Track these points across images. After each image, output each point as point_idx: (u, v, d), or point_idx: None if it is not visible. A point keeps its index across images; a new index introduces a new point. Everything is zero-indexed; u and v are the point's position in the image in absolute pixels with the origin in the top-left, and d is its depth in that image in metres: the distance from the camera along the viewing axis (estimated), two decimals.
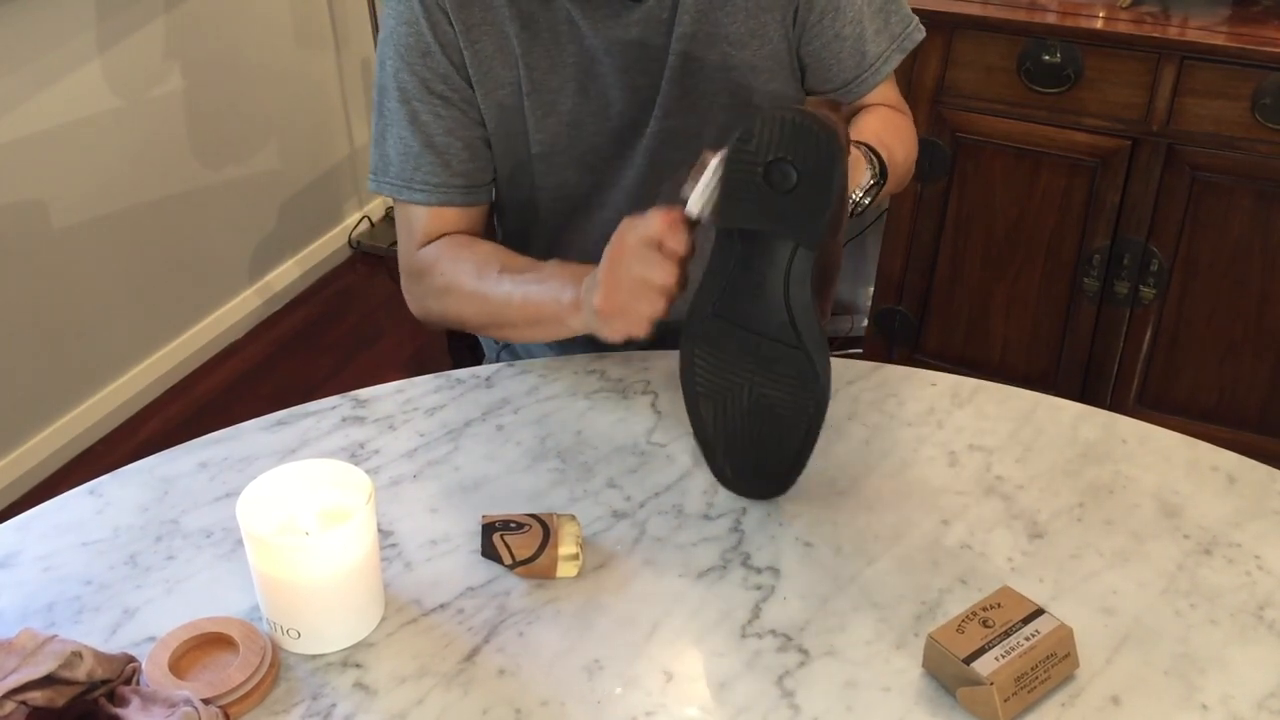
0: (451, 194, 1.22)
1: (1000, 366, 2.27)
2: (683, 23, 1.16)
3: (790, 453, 0.99)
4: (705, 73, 1.19)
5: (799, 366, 0.95)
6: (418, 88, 1.18)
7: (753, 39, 1.18)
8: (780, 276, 0.95)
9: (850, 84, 1.25)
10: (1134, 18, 1.96)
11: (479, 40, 1.17)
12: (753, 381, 0.97)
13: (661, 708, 0.84)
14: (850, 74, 1.24)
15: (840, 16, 1.20)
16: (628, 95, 1.20)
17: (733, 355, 0.97)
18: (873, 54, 1.24)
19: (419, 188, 1.21)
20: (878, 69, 1.25)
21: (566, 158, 1.23)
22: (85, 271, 2.39)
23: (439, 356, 2.71)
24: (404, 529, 1.00)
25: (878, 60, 1.25)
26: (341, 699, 0.85)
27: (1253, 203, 1.96)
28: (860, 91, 1.26)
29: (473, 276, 1.18)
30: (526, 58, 1.17)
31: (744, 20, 1.17)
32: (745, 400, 0.98)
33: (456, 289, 1.19)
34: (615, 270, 1.01)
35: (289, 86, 2.85)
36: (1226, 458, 1.07)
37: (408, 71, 1.18)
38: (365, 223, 3.17)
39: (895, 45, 1.26)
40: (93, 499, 1.03)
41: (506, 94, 1.19)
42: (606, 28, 1.16)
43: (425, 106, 1.19)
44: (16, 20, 2.14)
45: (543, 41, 1.17)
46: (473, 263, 1.19)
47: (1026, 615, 0.86)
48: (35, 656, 0.78)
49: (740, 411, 0.98)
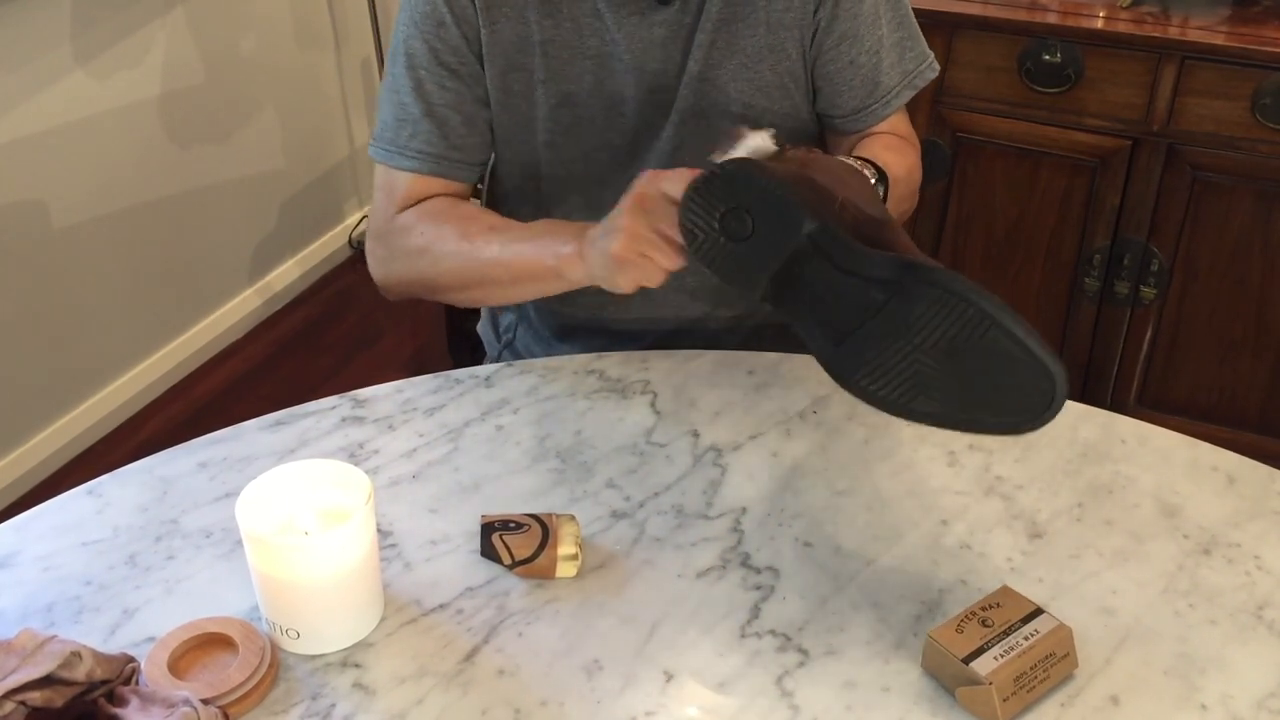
0: (441, 165, 1.21)
1: None
2: (704, 29, 1.16)
3: (1022, 356, 0.84)
4: (721, 83, 1.19)
5: (936, 294, 0.85)
6: (427, 56, 1.18)
7: (770, 54, 1.19)
8: (832, 269, 0.90)
9: (858, 113, 1.25)
10: (1134, 18, 1.96)
11: (498, 21, 1.17)
12: (921, 346, 0.87)
13: (661, 708, 0.84)
14: (859, 103, 1.24)
15: (858, 45, 1.20)
16: (643, 95, 1.20)
17: (885, 352, 0.89)
18: (885, 86, 1.24)
19: (411, 154, 1.20)
20: (888, 101, 1.25)
21: (576, 150, 1.23)
22: (85, 271, 2.39)
23: (439, 356, 2.72)
24: (403, 529, 1.00)
25: (889, 94, 1.24)
26: (341, 699, 0.85)
27: (1253, 203, 1.96)
28: (868, 122, 1.26)
29: (455, 238, 1.17)
30: (545, 45, 1.17)
31: (764, 35, 1.18)
32: (934, 364, 0.87)
33: (434, 250, 1.18)
34: (636, 219, 1.00)
35: (289, 86, 2.85)
36: (1226, 458, 1.07)
37: (419, 39, 1.18)
38: (365, 223, 3.17)
39: (907, 81, 1.25)
40: (92, 499, 1.03)
41: (520, 79, 1.19)
42: (632, 24, 1.16)
43: (431, 76, 1.19)
44: (16, 20, 2.14)
45: (564, 31, 1.17)
46: (456, 224, 1.18)
47: (1026, 615, 0.86)
48: (35, 657, 0.78)
49: (944, 377, 0.87)
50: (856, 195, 0.97)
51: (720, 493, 1.04)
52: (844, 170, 1.03)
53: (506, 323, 1.45)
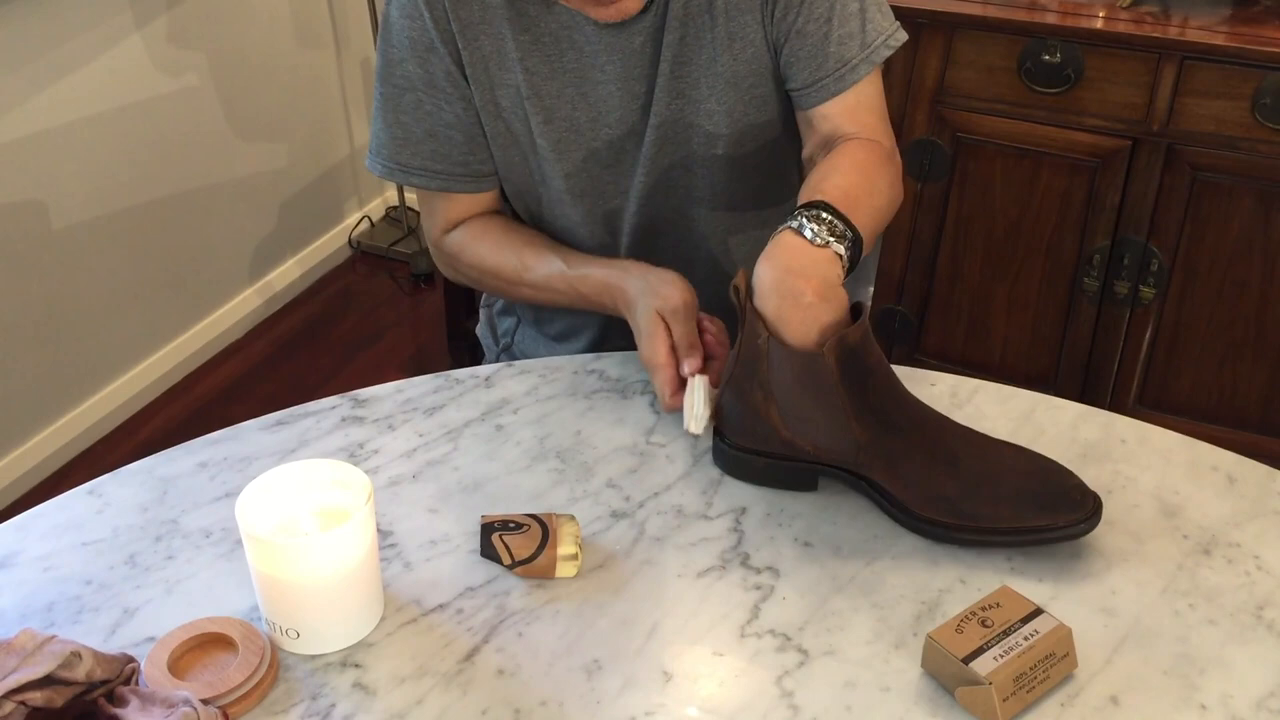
0: (452, 182, 1.25)
1: (1000, 366, 2.27)
2: (671, 29, 1.16)
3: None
4: (692, 79, 1.18)
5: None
6: (425, 78, 1.19)
7: (733, 42, 1.17)
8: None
9: (811, 86, 1.17)
10: (1134, 18, 1.96)
11: (476, 39, 1.17)
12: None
13: (661, 708, 0.84)
14: (809, 76, 1.17)
15: (805, 12, 1.14)
16: (626, 101, 1.20)
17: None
18: (838, 57, 1.15)
19: (418, 172, 1.24)
20: (842, 75, 1.16)
21: (570, 161, 1.23)
22: (85, 271, 2.39)
23: (439, 356, 2.72)
24: (403, 529, 1.00)
25: (843, 66, 1.16)
26: (341, 699, 0.85)
27: (1253, 203, 1.96)
28: (819, 98, 1.17)
29: (507, 279, 1.28)
30: (525, 61, 1.17)
31: (724, 23, 1.16)
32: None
33: (487, 283, 1.31)
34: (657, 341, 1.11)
35: (289, 86, 2.85)
36: (1226, 458, 1.07)
37: (415, 62, 1.19)
38: (365, 223, 3.17)
39: (865, 55, 1.16)
40: (92, 499, 1.03)
41: (506, 94, 1.20)
42: (610, 35, 1.16)
43: (429, 97, 1.20)
44: (16, 20, 2.14)
45: (543, 46, 1.17)
46: (502, 261, 1.27)
47: (1025, 615, 0.86)
48: (34, 657, 0.78)
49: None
50: (820, 417, 0.99)
51: (720, 493, 1.04)
52: (800, 390, 0.98)
53: (505, 326, 1.46)
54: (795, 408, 0.98)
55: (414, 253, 3.03)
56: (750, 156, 1.25)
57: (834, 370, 0.94)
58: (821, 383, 0.95)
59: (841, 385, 0.95)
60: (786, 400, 0.98)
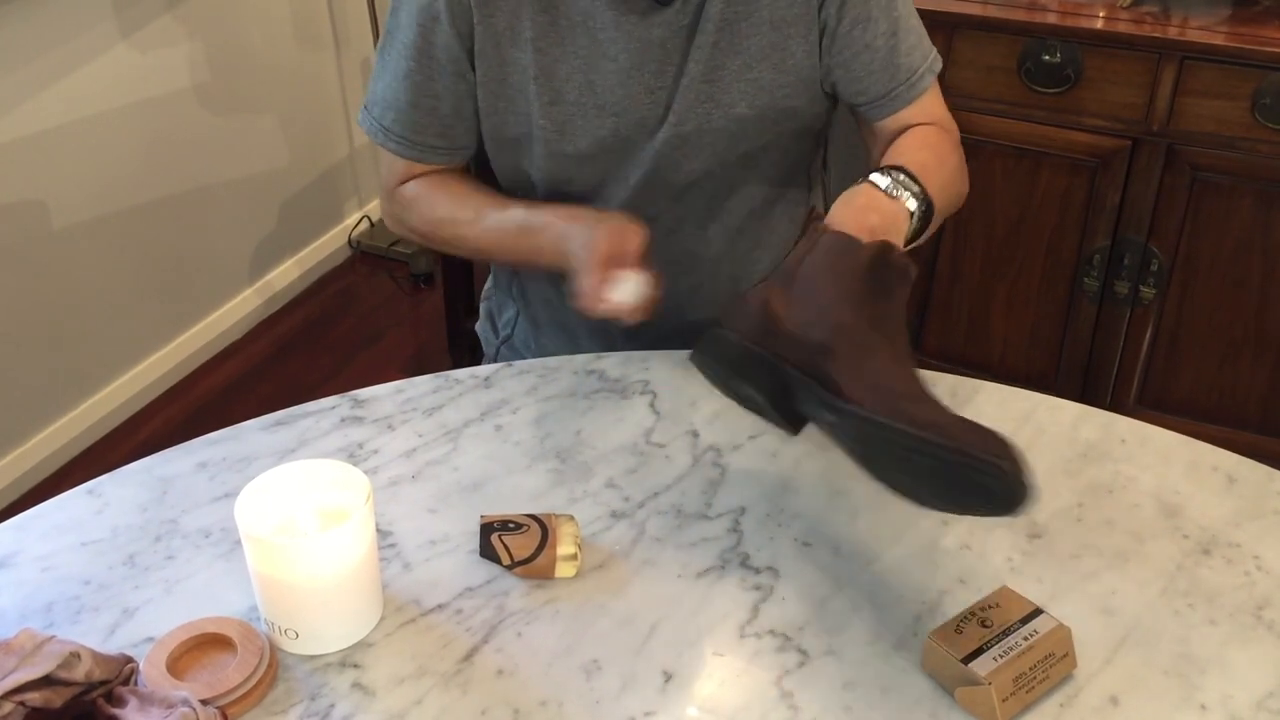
0: (426, 153, 1.26)
1: (1000, 366, 2.27)
2: (705, 31, 1.17)
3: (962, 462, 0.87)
4: (724, 83, 1.19)
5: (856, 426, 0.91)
6: (420, 48, 1.20)
7: (773, 52, 1.19)
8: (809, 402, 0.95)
9: (884, 97, 1.25)
10: (1134, 18, 1.96)
11: (494, 14, 1.17)
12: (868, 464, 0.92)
13: (661, 708, 0.84)
14: (883, 87, 1.24)
15: (872, 28, 1.20)
16: (639, 94, 1.20)
17: (853, 456, 0.94)
18: (907, 67, 1.24)
19: (395, 139, 1.26)
20: (913, 83, 1.25)
21: (571, 148, 1.23)
22: (85, 271, 2.39)
23: (438, 356, 2.72)
24: (402, 529, 1.00)
25: (913, 75, 1.24)
26: (340, 699, 0.85)
27: (1253, 203, 1.95)
28: (896, 106, 1.25)
29: (454, 224, 1.28)
30: (538, 41, 1.18)
31: (767, 34, 1.18)
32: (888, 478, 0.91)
33: (436, 235, 1.31)
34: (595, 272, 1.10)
35: (289, 86, 2.85)
36: (1226, 458, 1.07)
37: (415, 29, 1.20)
38: (365, 223, 3.17)
39: (928, 64, 1.26)
40: (92, 499, 1.03)
41: (514, 72, 1.20)
42: (630, 24, 1.16)
43: (420, 68, 1.21)
44: (17, 20, 2.14)
45: (559, 28, 1.17)
46: (454, 209, 1.28)
47: (1025, 615, 0.86)
48: (34, 657, 0.78)
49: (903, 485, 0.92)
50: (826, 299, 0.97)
51: (720, 493, 1.04)
52: (823, 272, 0.98)
53: (506, 318, 1.46)
54: (807, 289, 0.98)
55: (414, 253, 3.02)
56: (762, 163, 1.27)
57: (864, 263, 0.97)
58: (846, 267, 0.97)
59: (861, 278, 0.97)
60: (805, 283, 0.98)
